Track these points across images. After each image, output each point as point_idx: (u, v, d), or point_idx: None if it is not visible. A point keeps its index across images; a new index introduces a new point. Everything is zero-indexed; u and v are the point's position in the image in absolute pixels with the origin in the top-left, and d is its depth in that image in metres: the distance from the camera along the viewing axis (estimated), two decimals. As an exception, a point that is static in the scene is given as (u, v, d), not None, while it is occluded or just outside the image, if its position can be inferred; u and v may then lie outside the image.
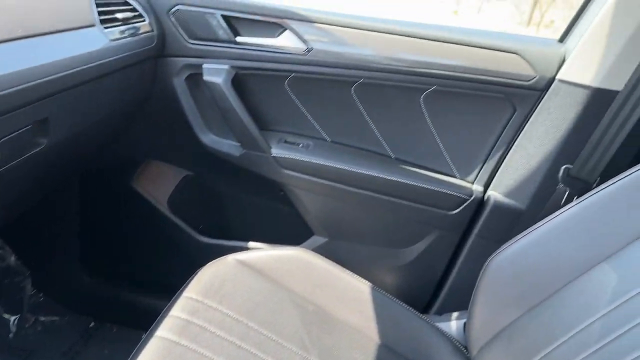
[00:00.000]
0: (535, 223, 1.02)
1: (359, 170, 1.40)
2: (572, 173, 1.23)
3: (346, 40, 1.32)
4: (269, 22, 1.33)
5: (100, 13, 1.10)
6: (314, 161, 1.41)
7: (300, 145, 1.45)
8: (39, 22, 0.90)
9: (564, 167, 1.25)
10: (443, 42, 1.29)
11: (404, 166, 1.44)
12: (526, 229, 1.02)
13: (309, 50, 1.32)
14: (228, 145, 1.47)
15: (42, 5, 0.94)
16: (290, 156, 1.42)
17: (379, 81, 1.35)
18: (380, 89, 1.38)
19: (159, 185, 1.63)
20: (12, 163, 0.89)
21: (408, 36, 1.29)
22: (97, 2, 1.11)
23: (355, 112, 1.43)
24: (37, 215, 1.63)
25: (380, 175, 1.39)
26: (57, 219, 1.66)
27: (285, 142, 1.46)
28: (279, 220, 1.63)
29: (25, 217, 1.63)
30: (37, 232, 1.69)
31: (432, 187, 1.39)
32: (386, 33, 1.30)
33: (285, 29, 1.32)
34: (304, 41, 1.32)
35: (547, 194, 1.29)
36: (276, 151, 1.42)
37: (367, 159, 1.45)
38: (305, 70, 1.35)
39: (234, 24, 1.34)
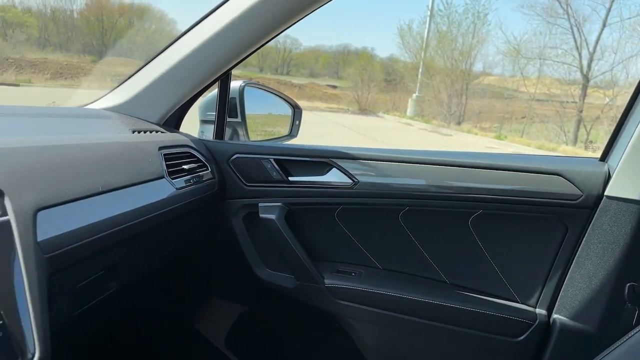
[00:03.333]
0: (607, 346, 0.96)
1: (414, 297, 1.39)
2: (638, 290, 1.18)
3: (390, 172, 1.40)
4: (317, 162, 1.44)
5: (168, 166, 1.25)
6: (367, 289, 1.41)
7: (353, 274, 1.47)
8: (118, 178, 1.04)
9: (628, 284, 1.20)
10: (487, 168, 1.34)
11: (460, 291, 1.42)
12: (599, 353, 0.97)
13: (355, 183, 1.40)
14: (283, 278, 1.51)
15: (123, 164, 1.08)
16: (343, 285, 1.43)
17: (425, 208, 1.40)
18: (427, 215, 1.42)
19: (217, 322, 1.66)
20: (87, 305, 0.96)
21: (451, 165, 1.36)
22: (166, 156, 1.26)
23: (405, 238, 1.46)
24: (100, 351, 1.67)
25: (437, 302, 1.37)
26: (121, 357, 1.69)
27: (338, 271, 1.48)
28: (337, 355, 1.59)
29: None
30: None
31: (493, 312, 1.34)
32: (430, 164, 1.38)
33: (332, 167, 1.43)
34: (351, 176, 1.41)
35: (615, 314, 1.22)
36: (329, 281, 1.45)
37: (421, 285, 1.44)
38: (353, 202, 1.43)
39: (285, 166, 1.46)
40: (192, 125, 1.59)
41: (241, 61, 1.37)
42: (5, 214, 0.73)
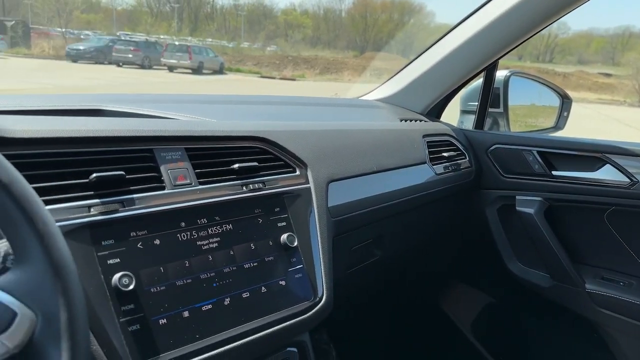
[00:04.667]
0: None
1: None
2: None
3: None
4: (587, 157, 1.33)
5: (430, 152, 1.33)
6: (639, 302, 1.26)
7: (622, 283, 1.32)
8: (388, 160, 1.17)
9: None
10: None
11: None
12: None
13: (633, 183, 1.25)
14: (536, 276, 1.45)
15: (392, 148, 1.21)
16: (609, 293, 1.30)
17: None
18: None
19: (464, 308, 1.70)
20: (356, 267, 1.13)
21: None
22: (429, 143, 1.35)
23: None
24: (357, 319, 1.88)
25: None
26: (370, 323, 1.88)
27: (603, 278, 1.35)
28: None
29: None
30: (351, 335, 1.94)
31: None
32: None
33: (605, 163, 1.30)
34: (629, 175, 1.26)
35: None
36: (591, 286, 1.33)
37: None
38: (630, 204, 1.28)
39: (549, 159, 1.40)
40: (450, 114, 1.65)
41: (510, 51, 1.36)
42: (307, 182, 0.92)
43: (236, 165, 0.83)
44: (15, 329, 0.42)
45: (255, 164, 0.85)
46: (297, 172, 0.92)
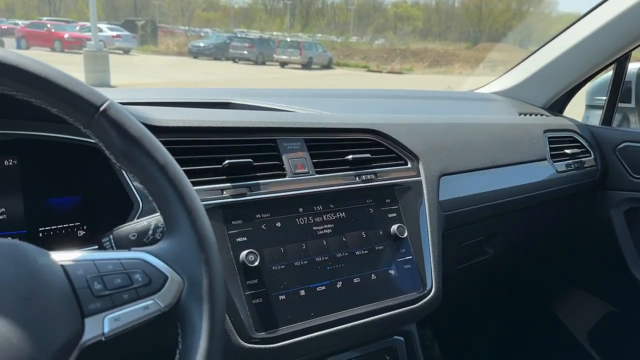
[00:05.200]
0: None
1: None
2: None
3: None
4: None
5: (551, 149, 1.27)
6: None
7: None
8: (504, 156, 1.14)
9: None
10: None
11: None
12: None
13: None
14: None
15: (510, 143, 1.17)
16: None
17: None
18: None
19: (581, 315, 1.60)
20: (466, 263, 1.12)
21: None
22: (550, 139, 1.29)
23: None
24: (462, 317, 1.84)
25: None
26: (476, 324, 1.83)
27: None
28: None
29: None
30: (456, 334, 1.90)
31: None
32: None
33: None
34: None
35: None
36: None
37: None
38: None
39: None
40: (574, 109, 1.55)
41: None
42: (418, 175, 0.93)
43: (350, 156, 0.86)
44: (167, 290, 0.49)
45: (368, 155, 0.88)
46: (409, 165, 0.93)
